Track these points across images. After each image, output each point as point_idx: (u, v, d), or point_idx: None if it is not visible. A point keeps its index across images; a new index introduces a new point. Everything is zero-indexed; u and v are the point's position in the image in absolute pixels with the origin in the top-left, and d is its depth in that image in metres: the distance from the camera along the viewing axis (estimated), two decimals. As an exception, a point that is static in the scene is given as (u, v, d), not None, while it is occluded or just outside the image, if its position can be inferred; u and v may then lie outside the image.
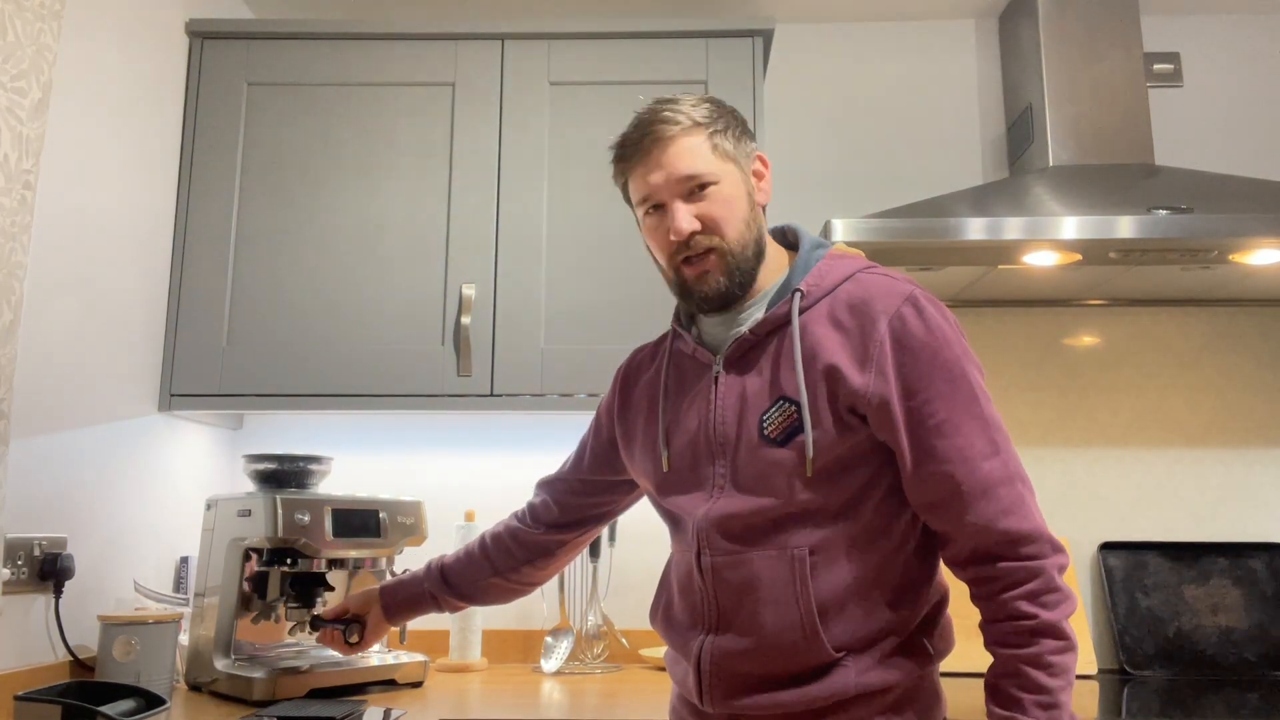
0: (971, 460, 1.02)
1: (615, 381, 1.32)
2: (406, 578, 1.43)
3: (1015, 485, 1.03)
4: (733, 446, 1.11)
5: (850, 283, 1.12)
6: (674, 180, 1.11)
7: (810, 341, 1.09)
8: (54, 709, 1.31)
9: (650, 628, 2.11)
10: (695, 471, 1.14)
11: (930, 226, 1.77)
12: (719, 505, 1.10)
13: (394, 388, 1.89)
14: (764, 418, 1.09)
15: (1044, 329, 2.23)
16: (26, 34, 1.49)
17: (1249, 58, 2.33)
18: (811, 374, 1.07)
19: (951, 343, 1.06)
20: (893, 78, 2.36)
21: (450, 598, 1.40)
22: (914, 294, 1.08)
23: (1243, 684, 1.89)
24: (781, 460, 1.07)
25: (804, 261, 1.15)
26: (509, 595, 1.40)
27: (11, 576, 1.47)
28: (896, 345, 1.05)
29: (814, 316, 1.10)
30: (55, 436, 1.58)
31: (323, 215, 1.96)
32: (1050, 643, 0.99)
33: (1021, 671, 1.00)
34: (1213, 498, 2.16)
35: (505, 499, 2.19)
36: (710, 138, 1.12)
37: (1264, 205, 1.78)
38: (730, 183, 1.12)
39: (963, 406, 1.04)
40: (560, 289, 1.93)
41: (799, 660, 1.05)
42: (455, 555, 1.42)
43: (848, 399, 1.05)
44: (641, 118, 1.14)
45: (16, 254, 1.47)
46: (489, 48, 2.01)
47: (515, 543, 1.38)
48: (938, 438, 1.03)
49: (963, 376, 1.05)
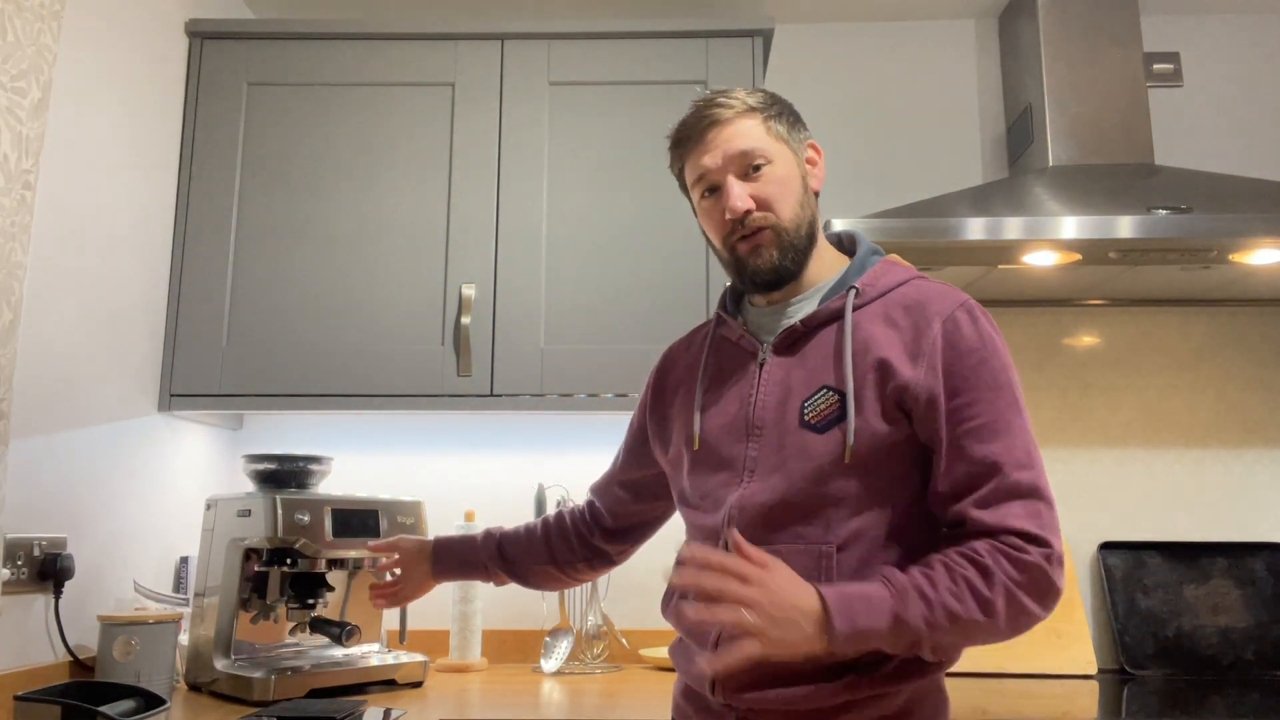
0: (1007, 467, 1.03)
1: (650, 378, 1.35)
2: (461, 539, 1.43)
3: (1042, 500, 1.03)
4: (770, 430, 1.12)
5: (906, 286, 1.14)
6: (729, 158, 1.14)
7: (862, 336, 1.11)
8: (54, 709, 1.31)
9: (648, 626, 2.12)
10: (726, 451, 1.15)
11: (930, 226, 1.77)
12: (750, 490, 1.11)
13: (394, 388, 1.89)
14: (805, 404, 1.11)
15: (1044, 329, 2.24)
16: (26, 34, 1.49)
17: (1249, 58, 2.33)
18: (861, 366, 1.09)
19: (1000, 353, 1.08)
20: (893, 78, 2.36)
21: (501, 572, 1.40)
22: (969, 302, 1.11)
23: (1243, 684, 1.89)
24: (819, 446, 1.08)
25: (860, 263, 1.18)
26: (558, 585, 1.42)
27: (11, 576, 1.47)
28: (948, 346, 1.07)
29: (868, 314, 1.13)
30: (55, 436, 1.58)
31: (323, 215, 1.96)
32: (983, 589, 0.98)
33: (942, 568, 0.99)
34: (1213, 498, 2.16)
35: (505, 499, 2.19)
36: (764, 121, 1.16)
37: (1264, 205, 1.78)
38: (784, 163, 1.15)
39: (1005, 415, 1.05)
40: (560, 289, 1.93)
41: (817, 656, 1.05)
42: (515, 532, 1.42)
43: (896, 392, 1.07)
44: (698, 105, 1.18)
45: (16, 254, 1.47)
46: (489, 48, 2.01)
47: (578, 540, 1.39)
48: (976, 440, 1.04)
49: (1008, 386, 1.06)
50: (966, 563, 0.99)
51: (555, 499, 2.18)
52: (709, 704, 1.13)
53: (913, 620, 0.97)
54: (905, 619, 0.97)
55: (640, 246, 1.94)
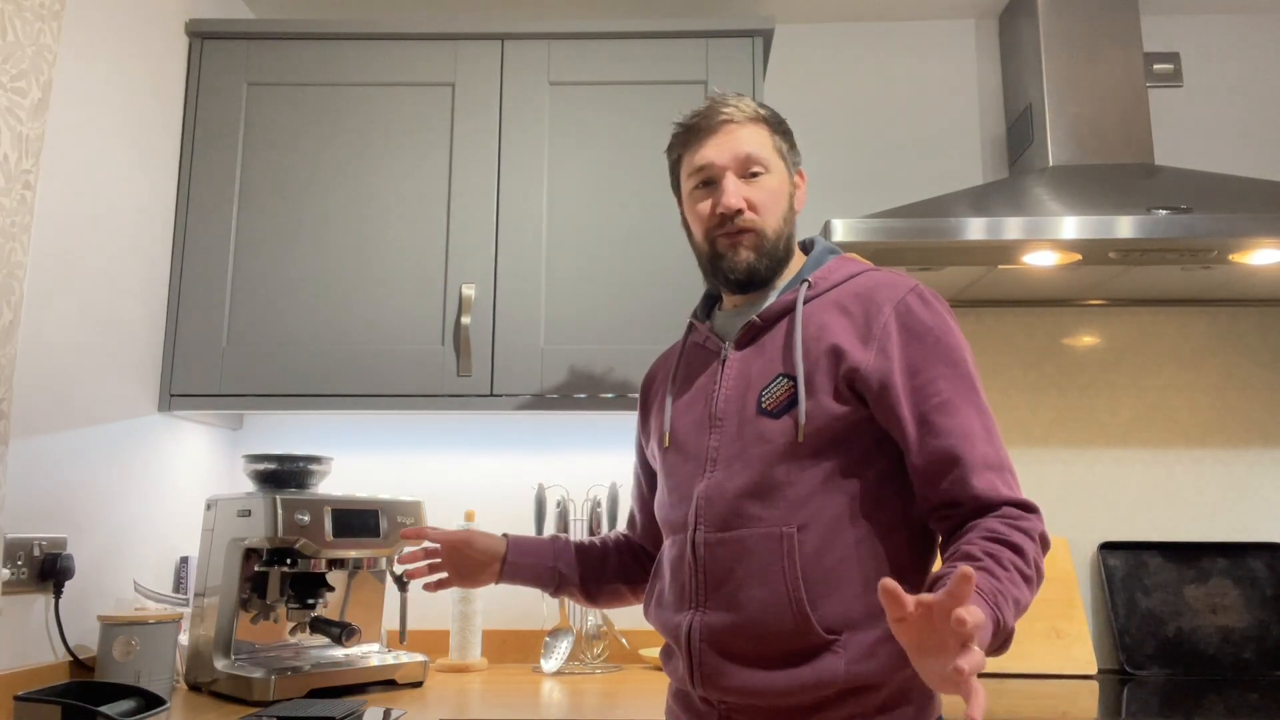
0: (971, 438, 1.06)
1: (639, 396, 1.39)
2: (533, 545, 1.38)
3: (1010, 471, 1.07)
4: (730, 421, 1.15)
5: (859, 278, 1.19)
6: (735, 158, 1.19)
7: (815, 325, 1.15)
8: (54, 709, 1.31)
9: (648, 627, 2.12)
10: (691, 446, 1.19)
11: (930, 226, 1.77)
12: (714, 480, 1.14)
13: (394, 388, 1.89)
14: (763, 392, 1.14)
15: (1044, 329, 2.23)
16: (26, 34, 1.49)
17: (1249, 58, 2.33)
18: (813, 353, 1.12)
19: (953, 330, 1.12)
20: (893, 78, 2.36)
21: (574, 588, 1.37)
22: (919, 286, 1.15)
23: (1243, 684, 1.89)
24: (774, 430, 1.11)
25: (815, 259, 1.23)
26: (624, 603, 1.41)
27: (11, 576, 1.47)
28: (902, 328, 1.11)
29: (821, 305, 1.17)
30: (55, 436, 1.58)
31: (323, 215, 1.96)
32: (1025, 567, 0.98)
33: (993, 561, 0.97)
34: (1213, 498, 2.16)
35: (505, 499, 2.19)
36: (771, 133, 1.22)
37: (1264, 205, 1.78)
38: (779, 177, 1.22)
39: (963, 391, 1.08)
40: (560, 289, 1.93)
41: (788, 641, 1.06)
42: (585, 547, 1.39)
43: (848, 374, 1.10)
44: (714, 100, 1.23)
45: (16, 254, 1.47)
46: (489, 48, 2.01)
47: (646, 558, 1.40)
48: (940, 414, 1.07)
49: (963, 363, 1.10)
50: (1003, 547, 0.99)
51: (555, 499, 2.18)
52: (693, 702, 1.14)
53: (1007, 621, 0.93)
54: (1004, 622, 0.92)
55: (640, 246, 1.94)
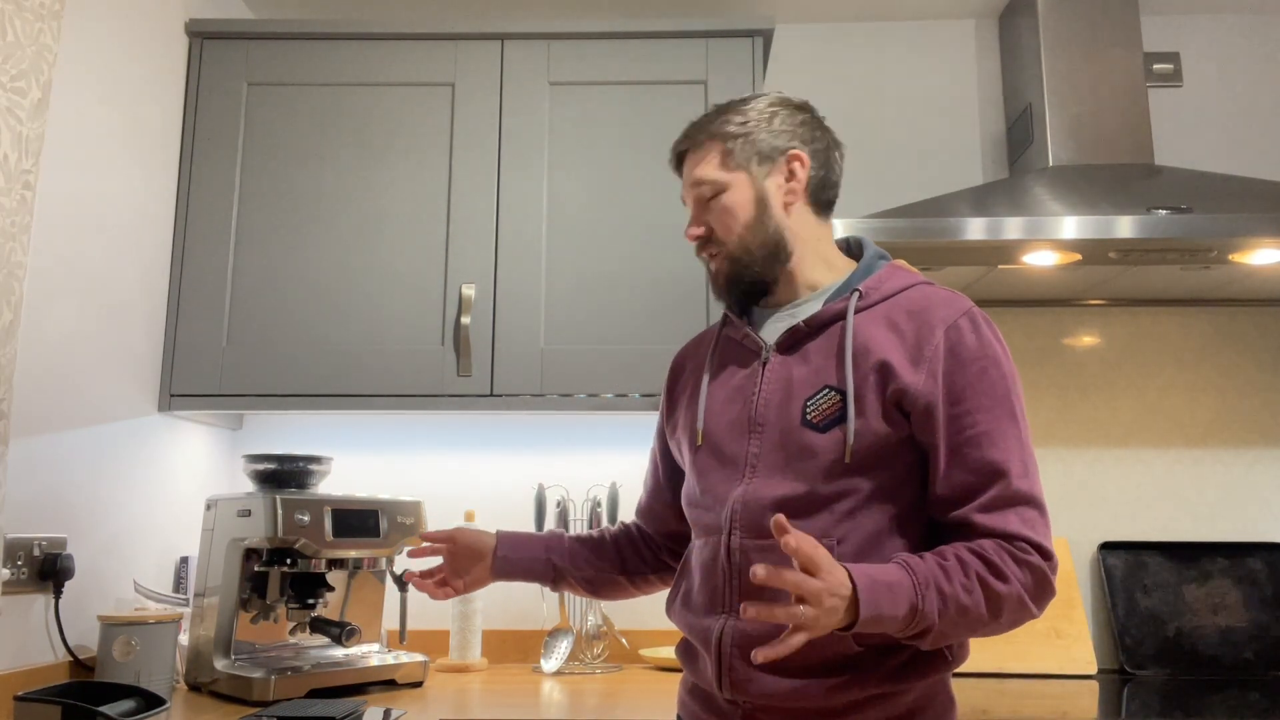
0: (1007, 475, 1.04)
1: (665, 383, 1.37)
2: (525, 543, 1.36)
3: (1038, 509, 1.05)
4: (772, 428, 1.13)
5: (911, 291, 1.16)
6: (689, 187, 1.22)
7: (863, 338, 1.12)
8: (54, 709, 1.31)
9: (648, 626, 2.12)
10: (728, 449, 1.17)
11: (930, 226, 1.77)
12: (753, 487, 1.12)
13: (394, 388, 1.89)
14: (808, 403, 1.12)
15: (1044, 329, 2.23)
16: (26, 34, 1.49)
17: (1249, 58, 2.33)
18: (862, 368, 1.10)
19: (1001, 361, 1.09)
20: (893, 78, 2.36)
21: (572, 579, 1.36)
22: (973, 309, 1.12)
23: (1243, 684, 1.89)
24: (820, 445, 1.10)
25: (866, 266, 1.21)
26: (624, 595, 1.40)
27: (11, 576, 1.47)
28: (950, 353, 1.09)
29: (871, 317, 1.14)
30: (55, 436, 1.58)
31: (322, 215, 1.96)
32: (994, 585, 1.00)
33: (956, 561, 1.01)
34: (1213, 498, 2.16)
35: (505, 499, 2.19)
36: (724, 148, 1.20)
37: (1264, 205, 1.78)
38: (738, 189, 1.19)
39: (1004, 424, 1.06)
40: (560, 289, 1.93)
41: (819, 650, 1.05)
42: (582, 540, 1.38)
43: (896, 395, 1.08)
44: (687, 127, 1.26)
45: (16, 254, 1.47)
46: (489, 48, 2.01)
47: (647, 550, 1.38)
48: (973, 448, 1.06)
49: (1006, 396, 1.08)
50: (978, 559, 1.01)
51: (555, 499, 2.18)
52: (716, 702, 1.13)
53: (928, 612, 0.98)
54: (922, 610, 0.97)
55: (640, 246, 1.94)
